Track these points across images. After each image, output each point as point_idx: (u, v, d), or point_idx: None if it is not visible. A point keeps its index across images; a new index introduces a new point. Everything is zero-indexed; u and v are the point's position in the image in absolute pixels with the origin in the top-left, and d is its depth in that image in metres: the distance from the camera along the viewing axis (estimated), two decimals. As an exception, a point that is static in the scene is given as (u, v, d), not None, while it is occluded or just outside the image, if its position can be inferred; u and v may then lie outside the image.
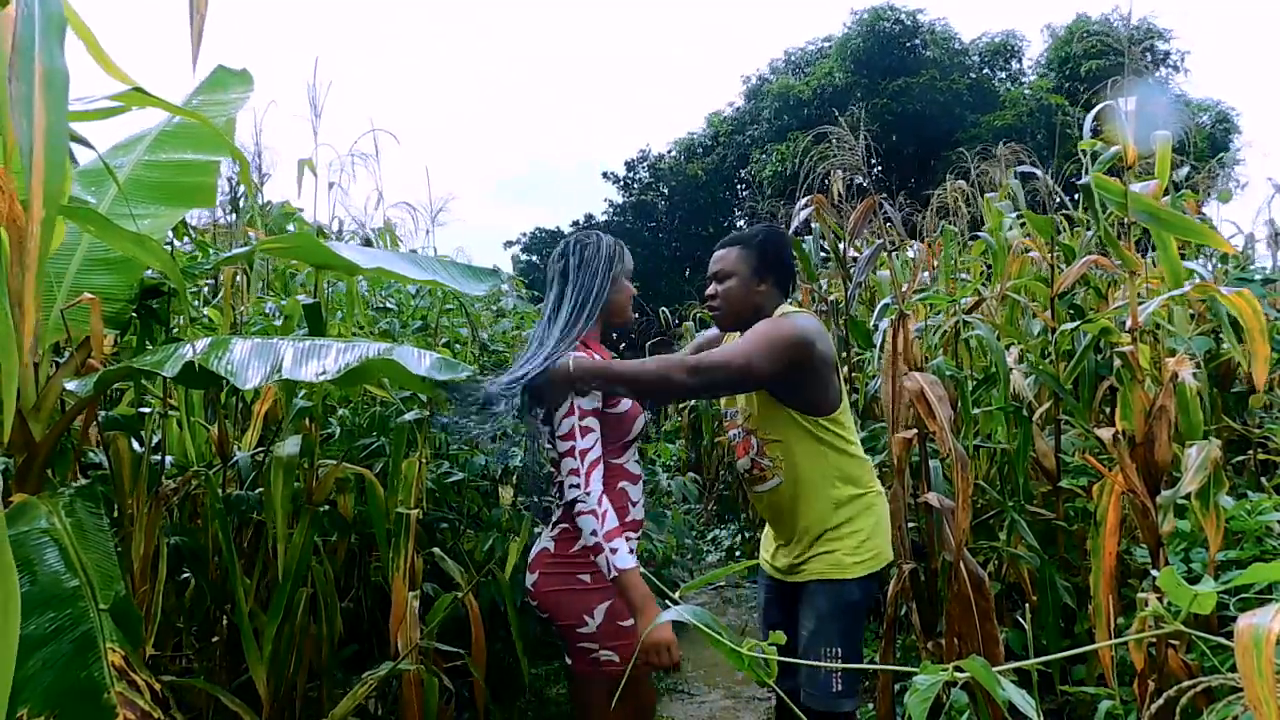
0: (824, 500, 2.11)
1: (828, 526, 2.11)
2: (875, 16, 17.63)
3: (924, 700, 0.74)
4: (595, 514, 1.86)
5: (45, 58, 1.19)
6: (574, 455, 1.90)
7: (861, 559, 2.08)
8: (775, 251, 2.19)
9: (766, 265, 2.16)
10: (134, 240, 1.63)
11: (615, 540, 1.85)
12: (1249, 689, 0.66)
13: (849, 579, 2.07)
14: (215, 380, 1.92)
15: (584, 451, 1.90)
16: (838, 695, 2.05)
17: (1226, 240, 2.48)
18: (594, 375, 1.91)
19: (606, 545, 1.84)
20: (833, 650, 2.04)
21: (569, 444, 1.91)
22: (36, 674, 1.24)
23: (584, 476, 1.89)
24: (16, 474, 1.70)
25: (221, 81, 2.50)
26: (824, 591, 2.09)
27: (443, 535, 3.17)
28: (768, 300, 2.17)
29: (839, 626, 2.06)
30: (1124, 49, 2.50)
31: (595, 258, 2.10)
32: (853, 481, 2.13)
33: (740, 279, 2.16)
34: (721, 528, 6.70)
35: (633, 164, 20.22)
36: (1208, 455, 1.97)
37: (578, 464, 1.89)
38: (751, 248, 2.18)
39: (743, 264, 2.17)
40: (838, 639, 2.06)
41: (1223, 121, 16.97)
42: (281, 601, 2.28)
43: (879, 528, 2.14)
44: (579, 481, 1.88)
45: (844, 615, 2.08)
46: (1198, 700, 1.60)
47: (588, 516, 1.86)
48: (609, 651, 1.97)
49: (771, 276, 2.17)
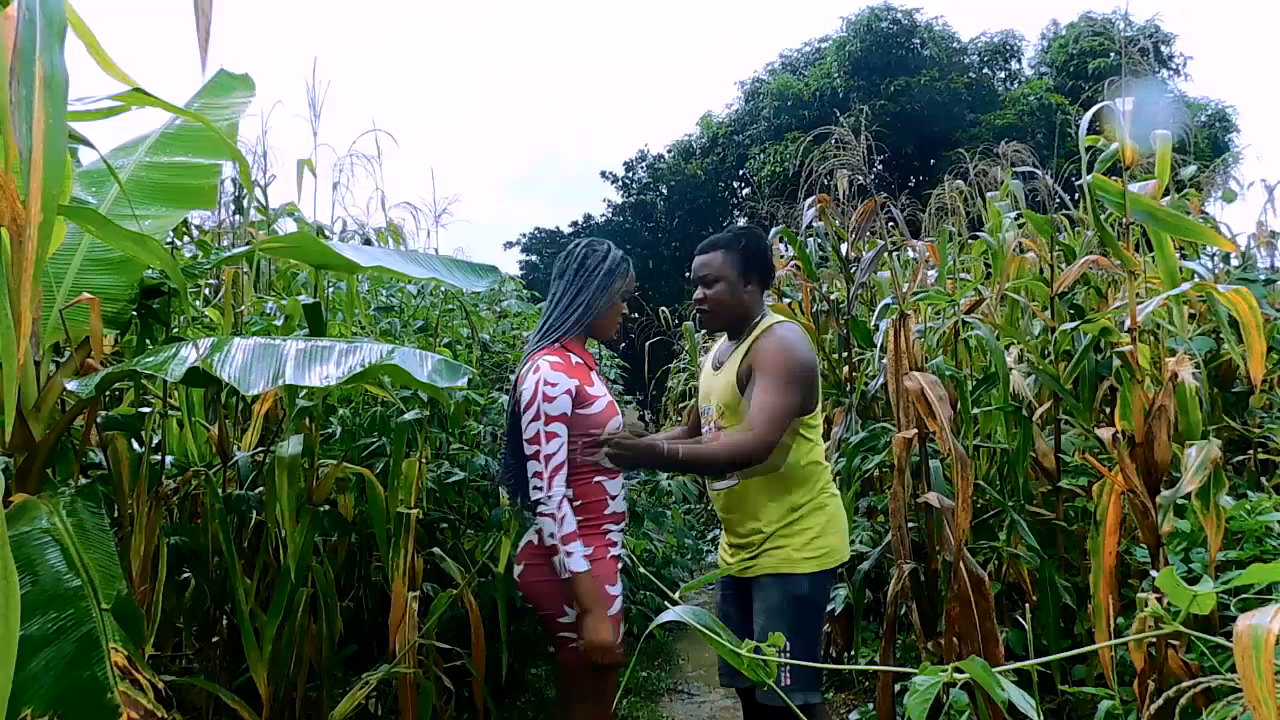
0: (777, 502, 2.16)
1: (779, 526, 2.15)
2: (872, 17, 17.61)
3: (923, 701, 0.75)
4: (554, 517, 1.96)
5: (46, 60, 1.19)
6: (538, 459, 1.98)
7: (812, 555, 2.13)
8: (758, 253, 2.26)
9: (750, 268, 2.23)
10: (134, 239, 1.64)
11: (571, 544, 1.95)
12: (1248, 690, 0.66)
13: (798, 573, 2.12)
14: (217, 382, 1.92)
15: (548, 456, 1.98)
16: (787, 689, 2.06)
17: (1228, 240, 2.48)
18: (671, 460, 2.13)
19: (563, 547, 1.95)
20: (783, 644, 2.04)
21: (534, 448, 1.99)
22: (40, 674, 1.24)
23: (546, 480, 1.97)
24: (17, 474, 1.70)
25: (223, 86, 2.50)
26: (774, 585, 2.14)
27: (443, 535, 3.18)
28: (754, 300, 2.25)
29: (788, 620, 2.09)
30: (1122, 49, 2.51)
31: (598, 266, 2.15)
32: (807, 485, 2.18)
33: (728, 283, 2.23)
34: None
35: (631, 164, 20.21)
36: (1207, 455, 1.98)
37: (541, 467, 1.98)
38: (736, 251, 2.24)
39: (729, 268, 2.23)
40: (787, 633, 2.07)
41: (1222, 121, 16.95)
42: (282, 601, 2.28)
43: (831, 525, 2.18)
44: (541, 485, 1.98)
45: (793, 609, 2.11)
46: (1197, 700, 1.60)
47: (547, 519, 1.96)
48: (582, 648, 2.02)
49: (755, 277, 2.24)
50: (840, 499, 2.28)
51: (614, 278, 2.17)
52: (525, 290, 6.21)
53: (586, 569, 1.96)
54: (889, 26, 17.61)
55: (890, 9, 17.82)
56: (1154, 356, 2.60)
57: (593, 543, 2.06)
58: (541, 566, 2.06)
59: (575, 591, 1.96)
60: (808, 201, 3.74)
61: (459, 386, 2.09)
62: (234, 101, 2.45)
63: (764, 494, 2.16)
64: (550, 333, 2.14)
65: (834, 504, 2.22)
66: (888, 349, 2.72)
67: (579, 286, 2.15)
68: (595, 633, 1.96)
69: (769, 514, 2.16)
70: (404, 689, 2.47)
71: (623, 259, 2.21)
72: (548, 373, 2.02)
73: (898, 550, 2.67)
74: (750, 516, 2.18)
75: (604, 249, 2.19)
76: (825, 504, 2.19)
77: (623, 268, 2.20)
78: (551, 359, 2.06)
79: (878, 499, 3.55)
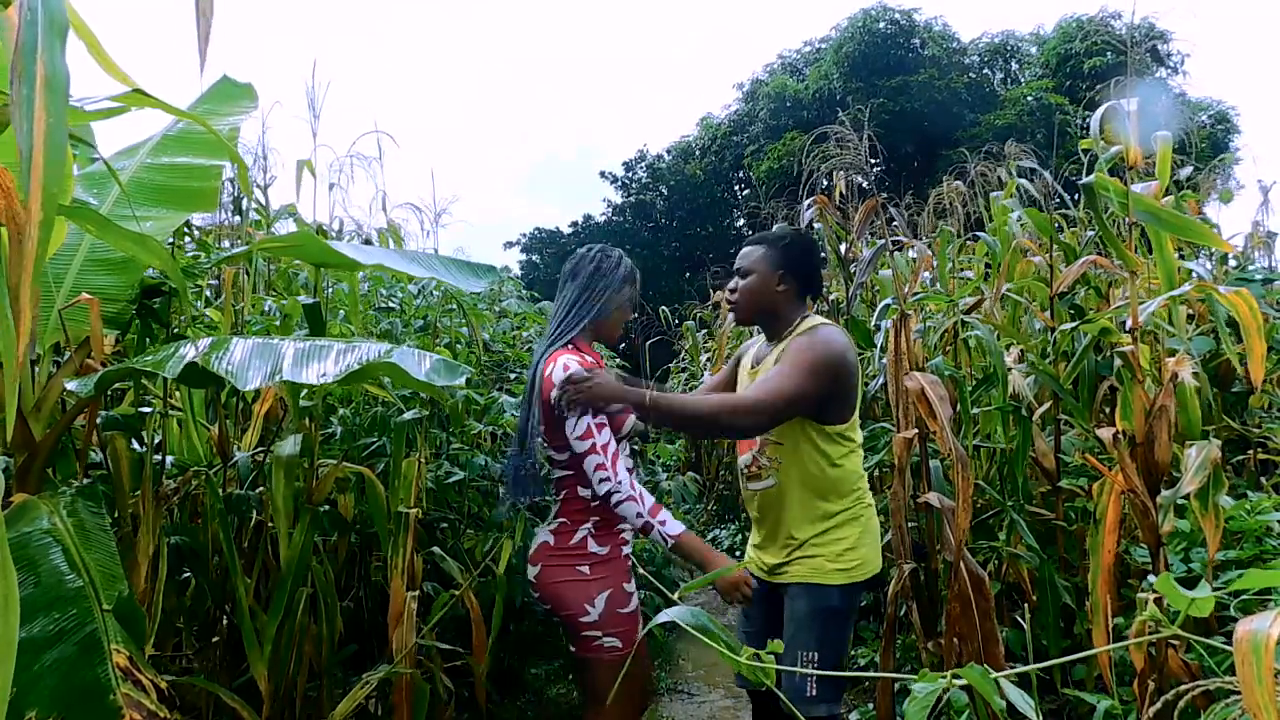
0: (812, 509, 2.12)
1: (812, 534, 2.12)
2: (868, 18, 17.59)
3: (922, 709, 0.75)
4: (634, 499, 1.96)
5: (47, 59, 1.19)
6: (597, 451, 1.98)
7: (845, 566, 2.10)
8: (798, 254, 2.22)
9: (787, 267, 2.19)
10: (135, 240, 1.64)
11: (660, 514, 1.97)
12: (1248, 695, 0.66)
13: (830, 585, 2.09)
14: (216, 380, 1.92)
15: (604, 446, 1.99)
16: (811, 700, 2.04)
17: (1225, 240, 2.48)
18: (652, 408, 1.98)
19: (655, 521, 1.96)
20: (809, 655, 2.05)
21: (589, 442, 1.98)
22: (43, 676, 1.24)
23: (611, 469, 1.97)
24: (17, 474, 1.70)
25: (226, 93, 2.51)
26: (804, 595, 2.10)
27: (443, 535, 3.18)
28: (785, 301, 2.21)
29: (817, 631, 2.07)
30: (1126, 48, 2.50)
31: (613, 272, 2.19)
32: (844, 495, 2.14)
33: (760, 276, 2.20)
34: (721, 528, 6.70)
35: (631, 165, 20.19)
36: (1207, 455, 1.98)
37: (603, 459, 1.98)
38: (776, 248, 2.22)
39: (764, 263, 2.21)
40: (814, 643, 2.07)
41: (1222, 121, 16.94)
42: (282, 601, 2.28)
43: (865, 538, 2.15)
44: (608, 475, 1.97)
45: (823, 620, 2.08)
46: (1197, 701, 1.61)
47: (628, 503, 1.96)
48: (611, 638, 2.03)
49: (791, 279, 2.20)
50: (874, 510, 2.23)
51: (626, 284, 2.21)
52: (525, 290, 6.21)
53: (683, 529, 1.97)
54: (887, 27, 17.60)
55: (888, 9, 17.81)
56: (1154, 356, 2.60)
57: (607, 541, 2.08)
58: (560, 567, 2.06)
59: (686, 553, 1.97)
60: (807, 202, 3.74)
61: (457, 385, 2.09)
62: (236, 109, 2.45)
63: (800, 499, 2.12)
64: (566, 331, 2.15)
65: (869, 515, 2.18)
66: (888, 349, 2.73)
67: (594, 289, 2.17)
68: (724, 580, 1.99)
69: (803, 520, 2.12)
70: (401, 689, 2.47)
71: (633, 268, 2.26)
72: (578, 370, 2.02)
73: (898, 550, 2.67)
74: (784, 521, 2.15)
75: (617, 255, 2.24)
76: (860, 514, 2.15)
77: (633, 276, 2.25)
78: (574, 357, 2.07)
79: (878, 499, 3.55)
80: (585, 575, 2.05)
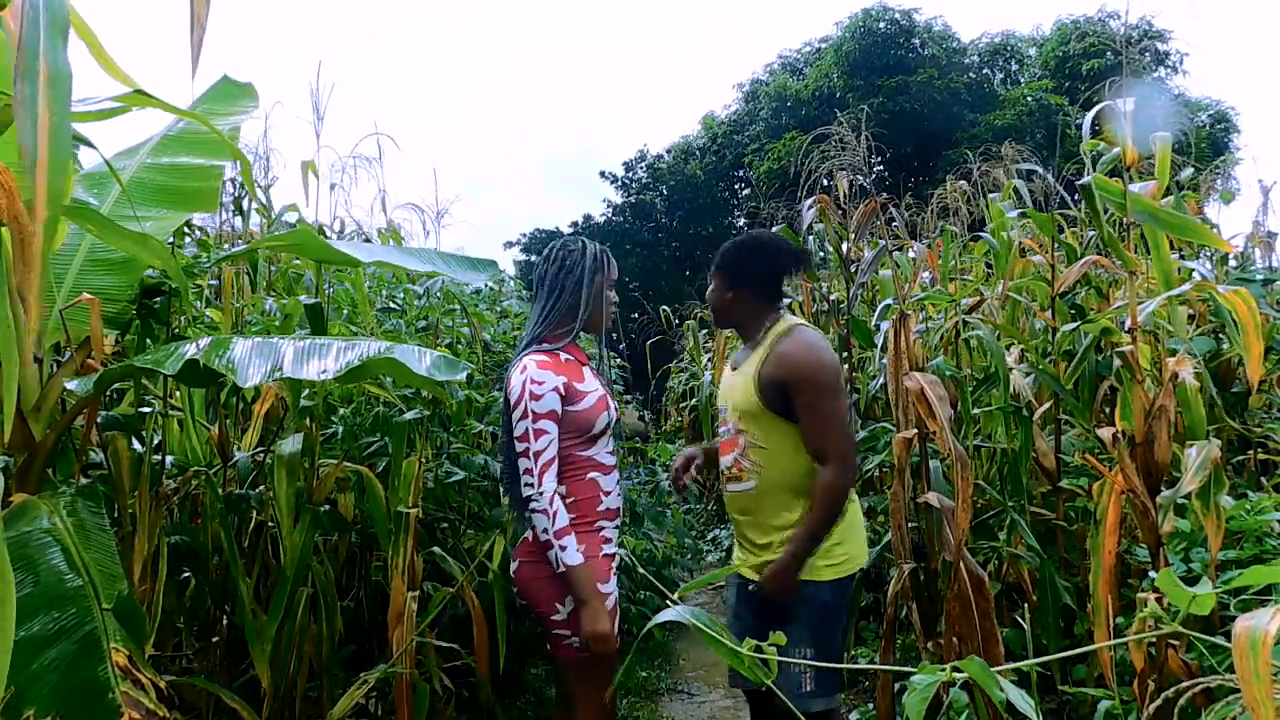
0: (794, 509, 2.13)
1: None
2: (869, 18, 17.58)
3: (922, 700, 0.75)
4: (546, 513, 1.97)
5: (50, 58, 1.19)
6: (527, 456, 2.00)
7: (832, 562, 2.12)
8: (739, 262, 2.27)
9: (732, 276, 2.26)
10: (135, 239, 1.64)
11: (565, 538, 1.97)
12: (1247, 691, 0.66)
13: (819, 581, 2.10)
14: (215, 378, 1.92)
15: (537, 453, 2.00)
16: (808, 695, 2.07)
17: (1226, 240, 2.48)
18: (807, 555, 2.07)
19: (557, 542, 1.96)
20: (803, 652, 2.07)
21: (523, 445, 2.00)
22: (42, 675, 1.24)
23: (536, 476, 1.99)
24: (17, 474, 1.70)
25: (227, 93, 2.51)
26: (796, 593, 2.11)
27: (443, 535, 3.18)
28: (740, 307, 2.27)
29: (810, 627, 2.09)
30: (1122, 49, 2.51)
31: (577, 264, 2.16)
32: None
33: (713, 290, 2.31)
34: (721, 528, 6.70)
35: (631, 164, 20.18)
36: (1208, 455, 1.98)
37: (531, 464, 1.99)
38: (722, 259, 2.30)
39: (715, 276, 2.31)
40: (808, 640, 2.09)
41: (1222, 122, 16.92)
42: (282, 600, 2.28)
43: (849, 533, 2.17)
44: (531, 481, 1.99)
45: (814, 617, 2.10)
46: (1197, 700, 1.61)
47: (540, 515, 1.98)
48: (580, 639, 2.03)
49: (741, 286, 2.26)
50: (858, 504, 2.26)
51: (594, 272, 2.18)
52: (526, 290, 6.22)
53: (580, 562, 1.98)
54: (887, 27, 17.60)
55: (888, 9, 17.80)
56: (1154, 356, 2.60)
57: (586, 539, 2.06)
58: (536, 564, 2.06)
59: (571, 584, 1.97)
60: (807, 202, 3.74)
61: (458, 381, 2.08)
62: (237, 109, 2.46)
63: (782, 499, 2.14)
64: (537, 335, 2.15)
65: (852, 510, 2.20)
66: (888, 349, 2.72)
67: (564, 288, 2.16)
68: (593, 623, 1.98)
69: (788, 519, 2.13)
70: (399, 688, 2.47)
71: (601, 251, 2.22)
72: (534, 371, 2.04)
73: (898, 550, 2.67)
74: (768, 521, 2.16)
75: (579, 246, 2.20)
76: (844, 510, 2.16)
77: (601, 259, 2.21)
78: (539, 358, 2.07)
79: (878, 499, 3.55)
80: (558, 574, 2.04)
